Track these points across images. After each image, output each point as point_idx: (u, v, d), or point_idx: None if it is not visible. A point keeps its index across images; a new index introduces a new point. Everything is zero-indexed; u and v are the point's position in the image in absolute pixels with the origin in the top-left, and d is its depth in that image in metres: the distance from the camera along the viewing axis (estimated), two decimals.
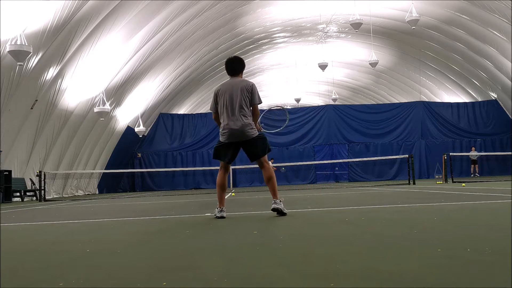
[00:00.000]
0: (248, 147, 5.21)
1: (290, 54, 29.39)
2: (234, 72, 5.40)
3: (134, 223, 5.24)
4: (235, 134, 5.13)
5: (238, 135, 5.13)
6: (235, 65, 5.41)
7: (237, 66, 5.41)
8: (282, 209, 4.99)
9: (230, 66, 5.41)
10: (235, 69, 5.40)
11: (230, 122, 5.14)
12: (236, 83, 5.28)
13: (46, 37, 12.83)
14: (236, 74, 5.40)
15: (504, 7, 19.35)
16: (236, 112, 5.14)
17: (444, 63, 27.55)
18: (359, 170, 27.41)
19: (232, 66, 5.40)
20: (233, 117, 5.14)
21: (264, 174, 5.23)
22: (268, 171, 5.21)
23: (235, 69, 5.40)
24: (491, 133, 28.06)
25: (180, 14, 17.53)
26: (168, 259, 2.63)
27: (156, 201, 11.10)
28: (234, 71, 5.40)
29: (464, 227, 3.52)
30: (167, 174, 26.47)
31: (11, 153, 14.80)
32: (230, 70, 5.41)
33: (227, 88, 5.26)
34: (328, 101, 33.75)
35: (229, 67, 5.42)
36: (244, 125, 5.14)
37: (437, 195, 7.96)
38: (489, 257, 2.25)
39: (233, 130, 5.12)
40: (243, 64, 5.50)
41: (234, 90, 5.21)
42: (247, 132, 5.14)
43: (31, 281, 2.19)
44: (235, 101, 5.17)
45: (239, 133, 5.13)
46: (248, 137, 5.15)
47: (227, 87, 5.28)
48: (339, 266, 2.19)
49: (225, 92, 5.24)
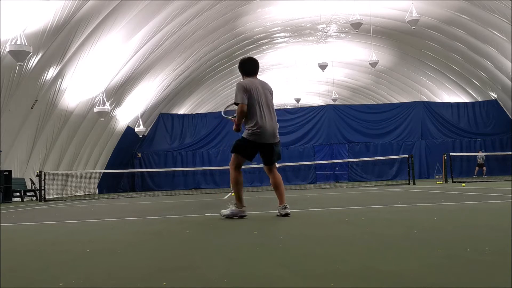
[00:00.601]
0: (269, 151, 5.12)
1: (290, 54, 29.39)
2: (256, 72, 5.27)
3: (134, 223, 5.24)
4: (268, 136, 5.03)
5: (270, 137, 5.05)
6: (256, 66, 5.29)
7: (257, 67, 5.30)
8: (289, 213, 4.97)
9: (254, 65, 5.28)
10: (257, 70, 5.29)
11: (266, 123, 5.01)
12: (264, 85, 5.20)
13: (46, 37, 12.83)
14: (256, 75, 5.28)
15: (504, 7, 19.35)
16: (272, 114, 5.11)
17: (444, 63, 27.55)
18: (359, 170, 27.41)
19: (256, 66, 5.28)
20: (270, 119, 5.06)
21: (272, 180, 5.16)
22: (277, 178, 5.15)
23: (257, 69, 5.29)
24: (491, 133, 28.07)
25: (180, 14, 17.53)
26: (168, 259, 2.62)
27: (156, 201, 11.10)
28: (256, 71, 5.27)
29: (464, 227, 3.52)
30: (167, 174, 26.47)
31: (11, 153, 14.80)
32: (253, 70, 5.25)
33: (258, 87, 5.09)
34: (328, 101, 33.75)
35: (252, 66, 5.27)
36: (276, 128, 5.15)
37: (437, 195, 7.96)
38: (489, 257, 2.25)
39: (269, 132, 5.01)
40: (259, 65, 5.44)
41: (265, 91, 5.12)
42: (277, 135, 5.17)
43: (31, 281, 2.19)
44: (270, 103, 5.12)
45: (272, 136, 5.06)
46: (275, 141, 5.12)
47: (257, 85, 5.10)
48: (339, 266, 2.19)
49: (257, 89, 5.05)
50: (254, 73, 5.24)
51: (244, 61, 5.30)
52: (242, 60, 5.32)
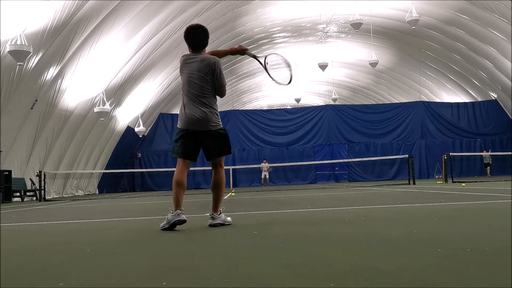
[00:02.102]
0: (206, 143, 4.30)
1: (290, 54, 29.36)
2: (196, 45, 4.39)
3: (134, 223, 5.24)
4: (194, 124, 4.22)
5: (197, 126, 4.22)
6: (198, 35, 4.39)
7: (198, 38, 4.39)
8: (223, 222, 4.27)
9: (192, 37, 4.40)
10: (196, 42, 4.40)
11: (190, 106, 4.25)
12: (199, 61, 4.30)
13: (46, 37, 12.83)
14: (199, 48, 4.39)
15: (504, 7, 19.35)
16: (202, 96, 4.25)
17: (444, 63, 27.56)
18: (359, 170, 27.41)
19: (196, 37, 4.38)
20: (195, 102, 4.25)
21: (213, 179, 4.40)
22: (218, 179, 4.35)
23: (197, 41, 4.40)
24: (491, 133, 28.08)
25: (180, 14, 17.53)
26: (168, 259, 2.62)
27: (156, 201, 11.10)
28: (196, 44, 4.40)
29: (464, 227, 3.52)
30: (167, 174, 26.43)
31: (11, 153, 14.80)
32: (192, 43, 4.40)
33: (189, 66, 4.32)
34: (328, 101, 33.75)
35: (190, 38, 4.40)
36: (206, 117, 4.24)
37: (437, 195, 7.96)
38: (489, 257, 2.25)
39: (192, 121, 4.22)
40: (208, 36, 4.46)
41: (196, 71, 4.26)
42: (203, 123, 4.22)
43: (31, 281, 2.19)
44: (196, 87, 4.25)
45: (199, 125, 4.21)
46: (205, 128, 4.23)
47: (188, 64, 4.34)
48: (339, 266, 2.19)
49: (188, 69, 4.31)
50: (194, 47, 4.38)
51: (186, 31, 4.44)
52: (185, 30, 4.47)
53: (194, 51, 4.38)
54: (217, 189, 4.31)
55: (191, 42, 4.39)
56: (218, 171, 4.35)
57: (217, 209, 4.28)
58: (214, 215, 4.26)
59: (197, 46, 4.37)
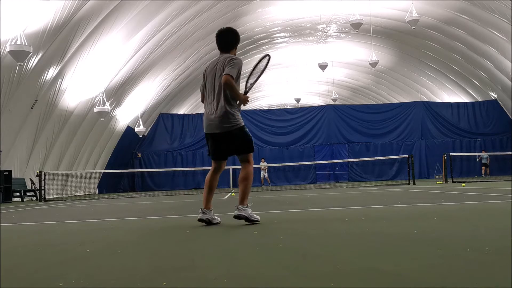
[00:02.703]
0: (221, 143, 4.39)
1: (290, 54, 29.41)
2: (224, 47, 4.41)
3: (134, 223, 5.24)
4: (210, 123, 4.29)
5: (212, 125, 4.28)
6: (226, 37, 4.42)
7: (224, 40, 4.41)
8: (248, 216, 4.18)
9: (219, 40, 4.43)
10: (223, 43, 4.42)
11: (209, 109, 4.28)
12: (221, 61, 4.28)
13: (46, 37, 12.83)
14: (226, 50, 4.39)
15: (504, 7, 19.36)
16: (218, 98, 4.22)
17: (444, 63, 27.56)
18: (359, 170, 27.42)
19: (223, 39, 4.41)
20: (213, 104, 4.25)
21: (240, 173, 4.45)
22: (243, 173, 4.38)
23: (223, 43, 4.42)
24: (491, 133, 28.08)
25: (180, 14, 17.53)
26: (168, 259, 2.62)
27: (156, 201, 11.10)
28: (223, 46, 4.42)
29: (464, 227, 3.52)
30: (167, 174, 26.48)
31: (11, 153, 14.80)
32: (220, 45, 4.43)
33: (212, 67, 4.34)
34: (328, 101, 33.76)
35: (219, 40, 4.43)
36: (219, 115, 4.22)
37: (437, 195, 7.96)
38: (489, 257, 2.25)
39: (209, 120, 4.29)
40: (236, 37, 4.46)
41: (217, 70, 4.26)
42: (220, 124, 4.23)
43: (31, 281, 2.19)
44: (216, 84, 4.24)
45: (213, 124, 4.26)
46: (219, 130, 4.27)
47: (211, 66, 4.36)
48: (339, 266, 2.19)
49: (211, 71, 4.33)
50: (222, 49, 4.41)
51: (216, 35, 4.46)
52: (216, 33, 4.49)
53: (221, 52, 4.45)
54: (244, 182, 4.31)
55: (219, 44, 4.46)
56: (245, 165, 4.40)
57: (243, 201, 4.24)
58: (240, 207, 4.21)
59: (223, 47, 4.43)
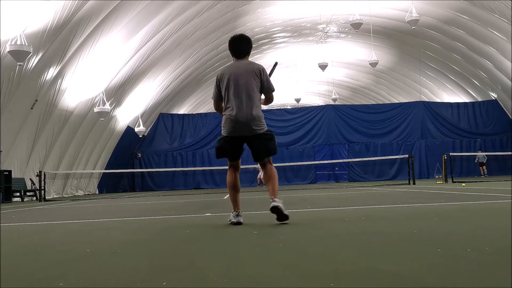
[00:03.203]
0: (251, 145, 4.38)
1: (290, 54, 29.41)
2: (241, 53, 4.51)
3: (134, 223, 5.24)
4: (239, 127, 4.29)
5: (242, 129, 4.29)
6: (243, 44, 4.52)
7: (243, 46, 4.52)
8: (283, 210, 4.17)
9: (235, 46, 4.51)
10: (241, 50, 4.51)
11: (235, 113, 4.28)
12: (248, 67, 4.39)
13: (46, 37, 12.83)
14: (243, 56, 4.51)
15: (504, 7, 19.36)
16: (247, 102, 4.29)
17: (444, 63, 27.56)
18: (359, 170, 27.42)
19: (241, 46, 4.51)
20: (243, 108, 4.27)
21: (265, 173, 4.50)
22: (269, 171, 4.47)
23: (242, 49, 4.51)
24: (491, 133, 28.08)
25: (180, 14, 17.53)
26: (168, 259, 2.62)
27: (156, 201, 11.10)
28: (241, 52, 4.51)
29: (464, 227, 3.52)
30: (167, 174, 26.48)
31: (11, 153, 14.80)
32: (237, 51, 4.51)
33: (234, 71, 4.38)
34: (328, 101, 33.76)
35: (235, 47, 4.51)
36: (252, 117, 4.28)
37: (437, 195, 7.96)
38: (489, 257, 2.25)
39: (238, 123, 4.27)
40: (250, 44, 4.58)
41: (242, 75, 4.34)
42: (253, 127, 4.29)
43: (31, 281, 2.19)
44: (246, 88, 4.31)
45: (244, 127, 4.29)
46: (251, 133, 4.31)
47: (233, 70, 4.39)
48: (339, 266, 2.19)
49: (234, 75, 4.35)
50: (239, 55, 4.50)
51: (230, 40, 4.55)
52: (229, 39, 4.57)
53: (238, 58, 4.53)
54: (273, 178, 4.45)
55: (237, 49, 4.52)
56: (270, 166, 4.52)
57: (276, 195, 4.31)
58: (275, 199, 4.23)
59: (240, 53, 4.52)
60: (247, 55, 4.54)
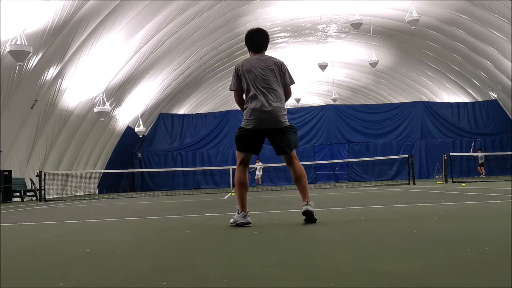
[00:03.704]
0: (275, 138, 4.31)
1: (290, 54, 29.41)
2: (261, 47, 4.45)
3: (134, 223, 5.24)
4: (265, 120, 4.21)
5: (269, 121, 4.22)
6: (263, 38, 4.46)
7: (263, 40, 4.46)
8: (314, 214, 4.12)
9: (256, 39, 4.45)
10: (262, 44, 4.45)
11: (260, 105, 4.20)
12: (268, 61, 4.35)
13: (46, 37, 12.83)
14: (261, 50, 4.45)
15: (504, 7, 19.36)
16: (272, 95, 4.26)
17: (444, 63, 27.57)
18: (359, 170, 27.42)
19: (261, 39, 4.45)
20: (267, 100, 4.22)
21: (293, 172, 4.40)
22: (298, 170, 4.39)
23: (262, 43, 4.45)
24: (491, 133, 28.09)
25: (180, 14, 17.53)
26: (168, 259, 2.62)
27: (156, 201, 11.10)
28: (261, 46, 4.44)
29: (464, 227, 3.51)
30: (167, 174, 26.48)
31: (11, 153, 14.80)
32: (257, 45, 4.45)
33: (254, 65, 4.31)
34: (328, 101, 33.76)
35: (254, 40, 4.45)
36: (277, 109, 4.24)
37: (437, 195, 7.96)
38: (489, 257, 2.25)
39: (264, 115, 4.19)
40: (268, 38, 4.53)
41: (265, 68, 4.30)
42: (280, 119, 4.25)
43: (31, 281, 2.19)
44: (271, 82, 4.28)
45: (271, 120, 4.22)
46: (278, 126, 4.25)
47: (253, 63, 4.32)
48: (339, 266, 2.19)
49: (252, 68, 4.29)
50: (258, 49, 4.45)
51: (247, 34, 4.50)
52: (246, 33, 4.52)
53: (256, 52, 4.46)
54: (304, 177, 4.39)
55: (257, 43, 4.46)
56: (296, 161, 4.46)
57: (308, 196, 4.27)
58: (309, 202, 4.19)
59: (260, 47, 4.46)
60: (265, 49, 4.49)
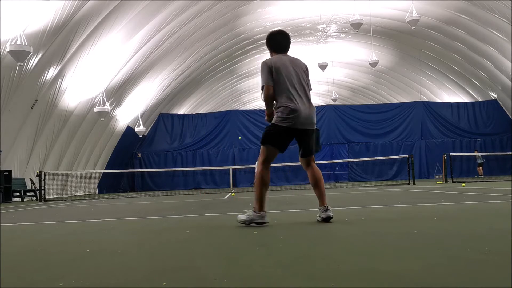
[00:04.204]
0: (307, 139, 4.29)
1: (290, 54, 29.37)
2: (286, 48, 4.50)
3: (134, 223, 5.24)
4: (303, 120, 4.19)
5: (306, 122, 4.22)
6: (287, 40, 4.52)
7: (288, 42, 4.54)
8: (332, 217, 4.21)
9: (284, 40, 4.50)
10: (287, 45, 4.51)
11: (300, 105, 4.18)
12: (295, 62, 4.40)
13: (46, 37, 12.83)
14: (286, 51, 4.50)
15: (504, 7, 19.36)
16: (307, 95, 4.30)
17: (444, 63, 27.57)
18: (359, 170, 27.42)
19: (287, 41, 4.50)
20: (303, 100, 4.23)
21: (311, 175, 4.37)
22: (317, 173, 4.36)
23: (287, 45, 4.51)
24: (491, 133, 28.09)
25: (180, 14, 17.53)
26: (168, 259, 2.62)
27: (156, 201, 11.10)
28: (286, 47, 4.50)
29: (464, 227, 3.51)
30: (167, 174, 26.48)
31: (11, 153, 14.80)
32: (284, 45, 4.50)
33: (289, 65, 4.31)
34: (328, 101, 33.75)
35: (282, 41, 4.50)
36: (314, 111, 4.33)
37: (437, 195, 7.96)
38: (489, 257, 2.25)
39: (303, 115, 4.17)
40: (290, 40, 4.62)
41: (297, 68, 4.34)
42: (314, 121, 4.31)
43: (31, 281, 2.19)
44: (303, 82, 4.31)
45: (308, 121, 4.23)
46: (312, 127, 4.29)
47: (286, 63, 4.32)
48: (339, 266, 2.19)
49: (287, 67, 4.27)
50: (284, 49, 4.48)
51: (272, 35, 4.52)
52: (270, 34, 4.53)
53: (282, 52, 4.48)
54: (322, 181, 4.39)
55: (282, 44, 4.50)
56: (314, 165, 4.45)
57: (323, 202, 4.28)
58: (329, 208, 4.23)
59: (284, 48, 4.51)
60: (288, 50, 4.54)
